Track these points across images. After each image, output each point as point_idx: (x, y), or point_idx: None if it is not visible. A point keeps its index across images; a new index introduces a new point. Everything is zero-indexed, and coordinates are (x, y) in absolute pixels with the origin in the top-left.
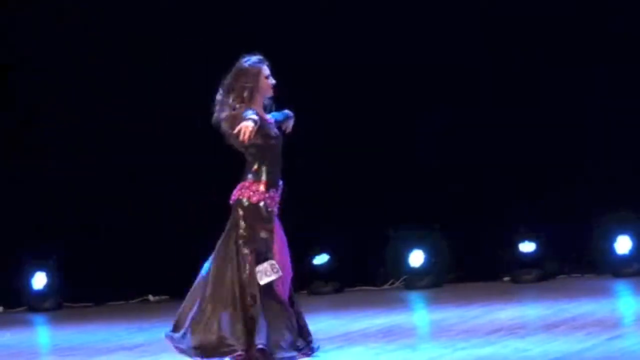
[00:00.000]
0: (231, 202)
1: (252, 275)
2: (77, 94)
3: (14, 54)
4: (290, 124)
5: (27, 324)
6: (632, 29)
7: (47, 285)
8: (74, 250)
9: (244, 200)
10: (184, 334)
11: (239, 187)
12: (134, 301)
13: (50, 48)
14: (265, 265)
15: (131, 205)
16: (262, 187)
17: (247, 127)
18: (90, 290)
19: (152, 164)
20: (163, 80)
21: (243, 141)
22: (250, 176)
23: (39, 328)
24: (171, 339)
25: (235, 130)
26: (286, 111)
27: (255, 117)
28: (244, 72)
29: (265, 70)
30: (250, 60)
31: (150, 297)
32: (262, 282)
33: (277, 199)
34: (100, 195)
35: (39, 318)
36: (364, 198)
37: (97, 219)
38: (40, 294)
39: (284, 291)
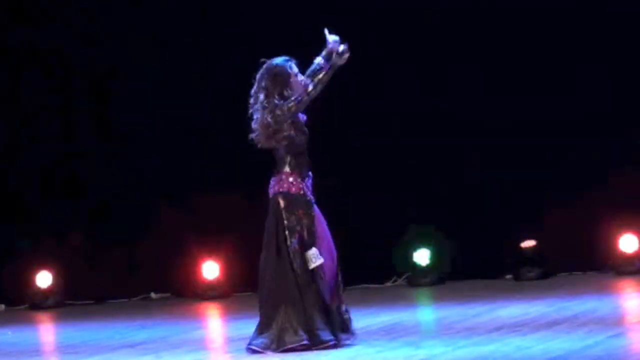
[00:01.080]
0: (270, 195)
1: (303, 263)
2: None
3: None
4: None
5: (29, 321)
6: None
7: (49, 283)
8: (76, 248)
9: (285, 191)
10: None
11: (275, 180)
12: (136, 299)
13: None
14: (312, 251)
15: (134, 203)
16: (299, 178)
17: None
18: (92, 288)
19: (154, 162)
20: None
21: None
22: (285, 168)
23: (41, 326)
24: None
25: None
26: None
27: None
28: (274, 72)
29: (294, 68)
30: (277, 61)
31: (153, 295)
32: (311, 267)
33: (311, 187)
34: (104, 192)
35: (41, 316)
36: (369, 196)
37: (99, 216)
38: (42, 291)
39: (329, 275)
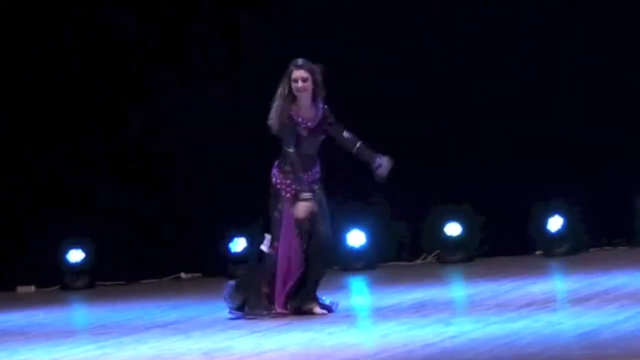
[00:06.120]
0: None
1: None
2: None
3: None
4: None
5: (60, 302)
6: None
7: (80, 264)
8: (107, 229)
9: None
10: None
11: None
12: (166, 279)
13: None
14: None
15: (164, 184)
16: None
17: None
18: (122, 269)
19: (186, 144)
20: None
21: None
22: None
23: (72, 307)
24: None
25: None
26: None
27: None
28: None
29: (293, 73)
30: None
31: (183, 275)
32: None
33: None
34: (134, 173)
35: (72, 297)
36: (397, 174)
37: (130, 197)
38: (74, 272)
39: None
